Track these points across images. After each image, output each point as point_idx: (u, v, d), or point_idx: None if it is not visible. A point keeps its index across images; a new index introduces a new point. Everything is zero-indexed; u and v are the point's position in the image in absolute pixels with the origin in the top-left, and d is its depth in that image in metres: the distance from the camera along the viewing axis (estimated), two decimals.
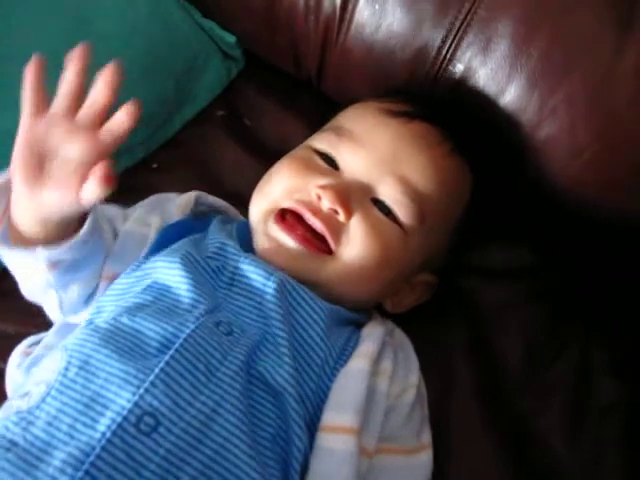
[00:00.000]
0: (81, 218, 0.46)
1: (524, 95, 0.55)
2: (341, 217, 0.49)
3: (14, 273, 0.50)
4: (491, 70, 0.55)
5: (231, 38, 0.74)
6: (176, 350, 0.41)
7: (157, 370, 0.40)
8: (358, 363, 0.47)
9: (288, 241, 0.49)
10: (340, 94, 0.68)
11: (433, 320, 0.60)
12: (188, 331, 0.42)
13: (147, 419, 0.38)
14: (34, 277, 0.48)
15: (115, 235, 0.53)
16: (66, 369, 0.41)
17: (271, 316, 0.46)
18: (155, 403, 0.38)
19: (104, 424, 0.38)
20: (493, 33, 0.54)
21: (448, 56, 0.57)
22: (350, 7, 0.60)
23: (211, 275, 0.49)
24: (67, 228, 0.46)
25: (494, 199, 0.60)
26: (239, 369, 0.42)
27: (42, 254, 0.45)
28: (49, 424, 0.39)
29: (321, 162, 0.53)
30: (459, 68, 0.56)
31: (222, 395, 0.40)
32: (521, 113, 0.55)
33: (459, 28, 0.55)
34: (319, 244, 0.50)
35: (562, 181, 0.56)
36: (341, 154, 0.53)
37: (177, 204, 0.57)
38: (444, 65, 0.57)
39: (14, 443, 0.38)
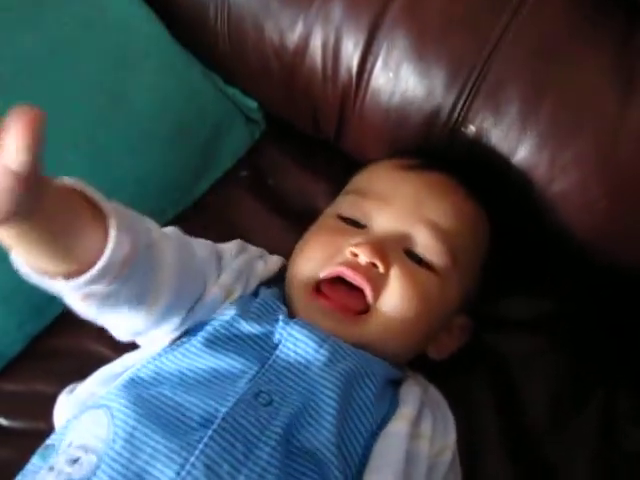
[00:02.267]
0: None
1: (535, 154, 0.58)
2: (380, 269, 0.52)
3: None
4: (502, 131, 0.59)
5: (253, 103, 0.79)
6: (215, 431, 0.43)
7: (197, 452, 0.42)
8: (397, 426, 0.49)
9: (327, 313, 0.52)
10: (358, 153, 0.73)
11: (458, 372, 0.62)
12: (226, 409, 0.44)
13: None
14: (74, 306, 0.45)
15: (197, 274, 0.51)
16: (113, 441, 0.43)
17: (320, 383, 0.48)
18: None
19: None
20: (502, 96, 0.58)
21: (460, 119, 0.61)
22: (366, 75, 0.65)
23: (256, 337, 0.50)
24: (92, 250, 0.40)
25: (512, 251, 0.63)
26: (277, 443, 0.44)
27: (61, 285, 0.40)
28: None
29: (348, 227, 0.57)
30: (471, 130, 0.60)
31: (260, 473, 0.42)
32: (533, 171, 0.59)
33: (469, 92, 0.59)
34: (357, 304, 0.52)
35: (577, 233, 0.59)
36: (367, 214, 0.56)
37: (267, 269, 0.57)
38: (457, 127, 0.61)
39: None
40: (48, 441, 0.51)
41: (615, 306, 0.67)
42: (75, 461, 0.44)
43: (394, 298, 0.52)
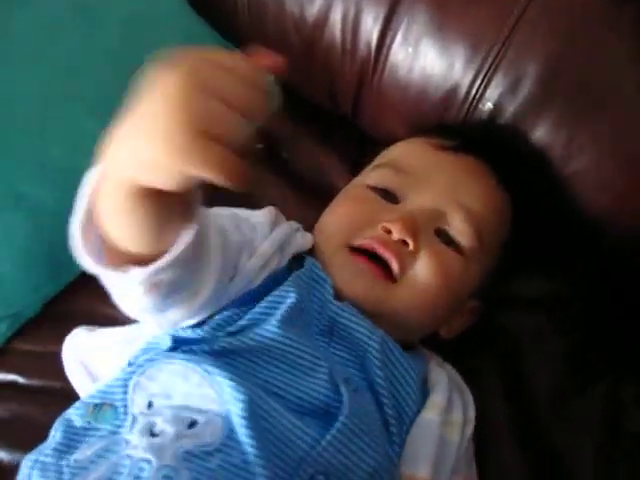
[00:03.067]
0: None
1: (552, 133, 0.59)
2: (410, 247, 0.53)
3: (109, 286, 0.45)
4: (520, 109, 0.59)
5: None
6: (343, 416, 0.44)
7: (333, 431, 0.44)
8: (429, 414, 0.51)
9: (362, 271, 0.53)
10: (375, 129, 0.73)
11: (468, 354, 0.63)
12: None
13: None
14: (128, 298, 0.44)
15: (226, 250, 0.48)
16: (231, 403, 0.43)
17: (373, 372, 0.49)
18: None
19: None
20: (522, 74, 0.59)
21: (478, 95, 0.61)
22: (385, 49, 0.65)
23: (309, 322, 0.51)
24: (166, 240, 0.39)
25: (527, 230, 0.64)
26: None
27: (137, 275, 0.39)
28: None
29: (380, 198, 0.57)
30: (489, 106, 0.61)
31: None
32: (549, 149, 0.59)
33: (488, 69, 0.60)
34: (387, 273, 0.53)
35: (593, 212, 0.60)
36: (401, 188, 0.57)
37: (304, 243, 0.56)
38: (474, 103, 0.62)
39: None
40: (90, 399, 0.49)
41: (625, 292, 0.67)
42: (193, 424, 0.43)
43: (420, 276, 0.53)
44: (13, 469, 0.61)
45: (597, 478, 0.59)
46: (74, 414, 0.49)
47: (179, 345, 0.48)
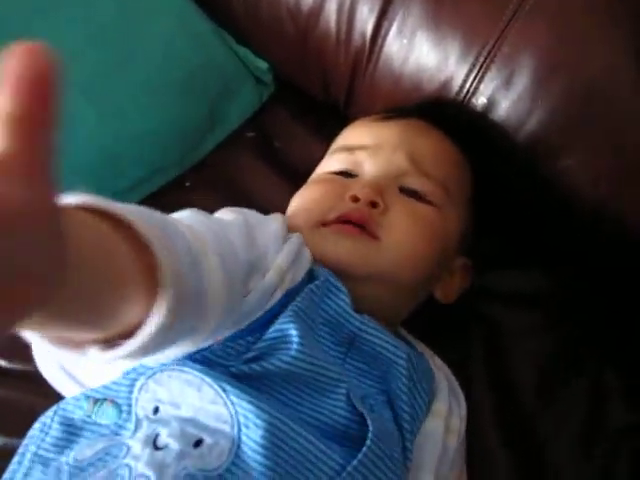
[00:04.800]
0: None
1: (543, 128, 0.60)
2: (381, 206, 0.54)
3: None
4: (512, 103, 0.60)
5: (263, 64, 0.80)
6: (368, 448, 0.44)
7: (356, 461, 0.42)
8: (434, 423, 0.51)
9: (343, 235, 0.53)
10: None
11: (455, 344, 0.64)
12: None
13: None
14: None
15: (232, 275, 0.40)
16: (246, 427, 0.41)
17: (397, 386, 0.49)
18: None
19: None
20: (515, 68, 0.60)
21: (472, 89, 0.62)
22: (379, 40, 0.66)
23: (325, 334, 0.49)
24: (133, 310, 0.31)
25: (514, 223, 0.65)
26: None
27: (97, 358, 0.31)
28: None
29: (341, 178, 0.59)
30: (482, 101, 0.62)
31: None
32: (540, 145, 0.60)
33: (483, 63, 0.61)
34: (367, 233, 0.54)
35: (580, 209, 0.61)
36: (357, 163, 0.59)
37: (308, 258, 0.53)
38: (468, 97, 0.63)
39: None
40: (92, 393, 0.47)
41: (613, 286, 0.69)
42: (199, 443, 0.41)
43: (398, 229, 0.54)
44: None
45: (577, 468, 0.60)
46: (73, 406, 0.47)
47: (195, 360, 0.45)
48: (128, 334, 0.30)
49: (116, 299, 0.28)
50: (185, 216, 0.42)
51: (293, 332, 0.46)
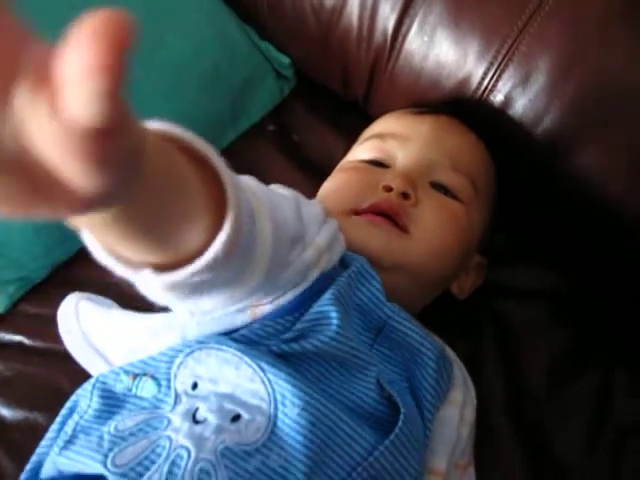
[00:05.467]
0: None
1: (560, 125, 0.61)
2: (412, 199, 0.56)
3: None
4: (529, 101, 0.62)
5: (285, 59, 0.82)
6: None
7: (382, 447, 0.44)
8: (450, 411, 0.53)
9: (376, 226, 0.55)
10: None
11: (469, 337, 0.67)
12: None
13: None
14: (146, 290, 0.36)
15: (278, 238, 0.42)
16: (283, 404, 0.43)
17: (422, 375, 0.51)
18: None
19: None
20: (533, 67, 0.61)
21: (489, 87, 0.64)
22: (400, 37, 0.68)
23: (356, 321, 0.51)
24: (191, 240, 0.32)
25: (527, 220, 0.67)
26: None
27: (151, 279, 0.32)
28: None
29: (373, 167, 0.60)
30: (499, 98, 0.63)
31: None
32: (556, 142, 0.62)
33: (501, 62, 0.62)
34: (398, 226, 0.55)
35: (596, 206, 0.62)
36: (390, 153, 0.61)
37: (343, 243, 0.53)
38: (485, 94, 0.64)
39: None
40: (130, 368, 0.49)
41: (621, 284, 0.70)
42: (236, 419, 0.43)
43: (429, 224, 0.56)
44: (14, 426, 0.64)
45: (583, 461, 0.61)
46: (112, 379, 0.49)
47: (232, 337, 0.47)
48: (182, 263, 0.32)
49: (182, 217, 0.30)
50: (245, 179, 0.42)
51: (333, 314, 0.47)
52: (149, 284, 0.34)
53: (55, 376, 0.65)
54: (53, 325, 0.68)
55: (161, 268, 0.32)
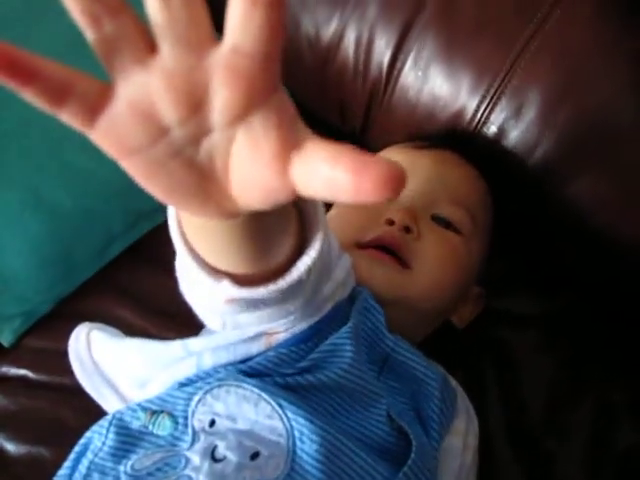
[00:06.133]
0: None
1: (552, 155, 0.64)
2: (414, 232, 0.57)
3: (179, 269, 0.40)
4: (522, 132, 0.65)
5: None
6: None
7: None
8: (454, 440, 0.54)
9: (378, 261, 0.56)
10: (383, 146, 0.78)
11: (469, 364, 0.68)
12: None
13: None
14: (202, 296, 0.40)
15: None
16: (301, 441, 0.43)
17: (428, 405, 0.52)
18: None
19: None
20: (524, 100, 0.64)
21: (483, 119, 0.66)
22: (395, 72, 0.71)
23: (364, 353, 0.51)
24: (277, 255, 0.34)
25: (523, 246, 0.69)
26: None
27: (226, 290, 0.35)
28: None
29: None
30: (492, 130, 0.66)
31: None
32: (549, 171, 0.65)
33: (493, 95, 0.65)
34: (400, 261, 0.57)
35: (590, 232, 0.65)
36: None
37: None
38: (479, 127, 0.67)
39: None
40: (148, 405, 0.49)
41: (615, 306, 0.72)
42: (255, 456, 0.44)
43: (430, 258, 0.57)
44: (18, 460, 0.65)
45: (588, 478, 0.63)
46: (129, 416, 0.49)
47: (246, 374, 0.48)
48: (264, 279, 0.35)
49: (281, 230, 0.33)
50: None
51: (347, 347, 0.49)
52: (214, 294, 0.36)
53: (60, 410, 0.66)
54: (58, 358, 0.69)
55: (240, 282, 0.35)
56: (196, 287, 0.39)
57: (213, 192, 0.26)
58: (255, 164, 0.25)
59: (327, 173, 0.23)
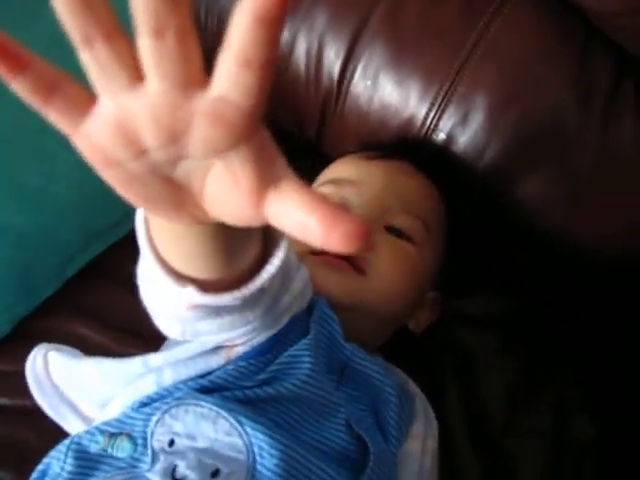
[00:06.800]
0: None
1: (500, 159, 0.66)
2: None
3: (140, 275, 0.41)
4: (470, 138, 0.67)
5: None
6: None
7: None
8: (412, 445, 0.56)
9: (333, 266, 0.57)
10: (337, 155, 0.79)
11: (425, 367, 0.69)
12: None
13: None
14: (162, 302, 0.40)
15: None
16: (261, 456, 0.44)
17: (386, 411, 0.54)
18: None
19: None
20: (471, 107, 0.66)
21: (432, 126, 0.68)
22: (346, 82, 0.72)
23: (323, 363, 0.52)
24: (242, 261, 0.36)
25: (477, 249, 0.71)
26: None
27: (191, 296, 0.36)
28: None
29: None
30: (442, 136, 0.68)
31: None
32: (498, 174, 0.67)
33: (441, 102, 0.67)
34: (355, 267, 0.58)
35: (537, 234, 0.67)
36: (345, 198, 0.63)
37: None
38: (429, 133, 0.69)
39: None
40: (106, 427, 0.49)
41: (570, 307, 0.74)
42: (216, 473, 0.44)
43: (384, 266, 0.59)
44: None
45: (547, 476, 0.65)
46: (87, 440, 0.49)
47: (204, 392, 0.48)
48: (228, 287, 0.36)
49: (245, 243, 0.35)
50: None
51: (305, 359, 0.50)
52: (178, 300, 0.37)
53: (21, 432, 0.66)
54: (18, 380, 0.69)
55: (204, 288, 0.36)
56: (159, 293, 0.40)
57: (187, 203, 0.28)
58: (231, 193, 0.27)
59: (301, 219, 0.25)
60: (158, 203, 0.28)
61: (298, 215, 0.25)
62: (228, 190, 0.27)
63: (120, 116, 0.25)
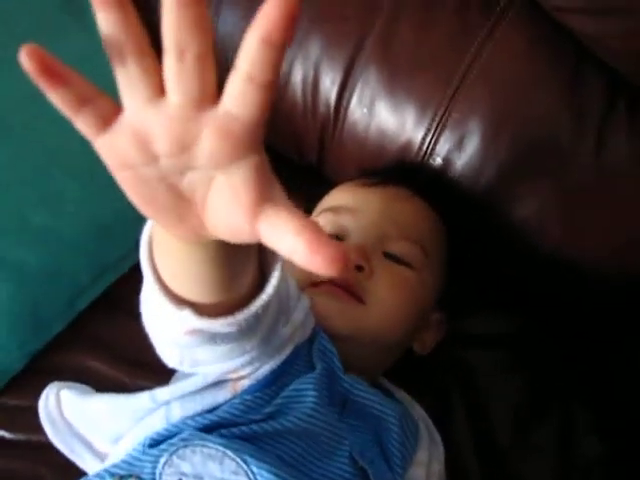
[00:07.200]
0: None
1: (495, 182, 0.67)
2: (366, 269, 0.59)
3: (142, 299, 0.43)
4: (466, 162, 0.68)
5: None
6: None
7: None
8: (417, 472, 0.57)
9: (333, 297, 0.58)
10: (340, 179, 0.81)
11: (431, 388, 0.71)
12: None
13: None
14: (162, 328, 0.42)
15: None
16: None
17: (389, 441, 0.55)
18: None
19: None
20: (466, 131, 0.67)
21: (429, 151, 0.69)
22: (342, 109, 0.74)
23: (325, 396, 0.53)
24: (237, 285, 0.37)
25: (477, 270, 0.72)
26: None
27: (187, 319, 0.37)
28: None
29: None
30: (438, 161, 0.69)
31: None
32: (493, 198, 0.68)
33: (436, 127, 0.68)
34: (354, 297, 0.59)
35: (536, 255, 0.68)
36: (343, 227, 0.64)
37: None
38: (426, 158, 0.70)
39: None
40: (115, 470, 0.51)
41: (567, 323, 0.75)
42: None
43: (382, 293, 0.60)
44: None
45: None
46: None
47: (212, 427, 0.50)
48: (224, 313, 0.38)
49: (242, 268, 0.37)
50: None
51: (310, 392, 0.52)
52: (176, 323, 0.39)
53: (37, 468, 0.67)
54: (32, 416, 0.70)
55: (201, 312, 0.37)
56: (159, 316, 0.41)
57: (188, 214, 0.31)
58: (230, 206, 0.29)
59: (289, 241, 0.28)
60: (162, 209, 0.31)
61: (288, 239, 0.28)
62: (228, 203, 0.29)
63: (139, 124, 0.28)
